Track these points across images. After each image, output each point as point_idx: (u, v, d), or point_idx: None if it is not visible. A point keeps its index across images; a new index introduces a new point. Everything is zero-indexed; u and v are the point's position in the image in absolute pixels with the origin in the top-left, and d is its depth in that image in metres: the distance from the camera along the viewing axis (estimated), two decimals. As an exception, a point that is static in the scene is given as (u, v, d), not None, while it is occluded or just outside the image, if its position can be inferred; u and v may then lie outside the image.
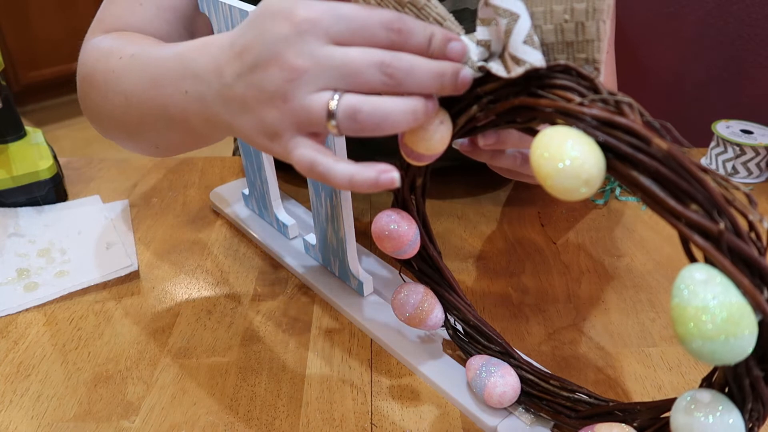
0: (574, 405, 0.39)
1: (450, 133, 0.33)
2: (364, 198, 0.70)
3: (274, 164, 0.59)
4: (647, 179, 0.25)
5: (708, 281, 0.23)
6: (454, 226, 0.64)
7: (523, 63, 0.28)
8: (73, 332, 0.51)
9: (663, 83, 1.00)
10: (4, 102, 0.67)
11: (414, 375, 0.47)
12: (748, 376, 0.26)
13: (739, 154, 0.70)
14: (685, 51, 0.96)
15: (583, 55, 0.29)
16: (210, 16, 0.53)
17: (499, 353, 0.43)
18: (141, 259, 0.60)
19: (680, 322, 0.23)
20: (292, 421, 0.43)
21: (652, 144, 0.25)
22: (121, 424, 0.43)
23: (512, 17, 0.28)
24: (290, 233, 0.60)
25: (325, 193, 0.50)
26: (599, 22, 0.28)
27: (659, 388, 0.45)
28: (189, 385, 0.46)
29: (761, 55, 0.87)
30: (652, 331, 0.50)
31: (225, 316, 0.53)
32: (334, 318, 0.52)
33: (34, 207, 0.66)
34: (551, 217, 0.66)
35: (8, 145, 0.69)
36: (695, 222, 0.24)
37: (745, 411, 0.27)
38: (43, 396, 0.45)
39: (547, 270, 0.58)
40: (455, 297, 0.45)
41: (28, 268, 0.58)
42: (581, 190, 0.25)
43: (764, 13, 0.85)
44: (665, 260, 0.59)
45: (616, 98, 0.26)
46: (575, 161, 0.25)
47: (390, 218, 0.41)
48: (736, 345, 0.23)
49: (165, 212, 0.68)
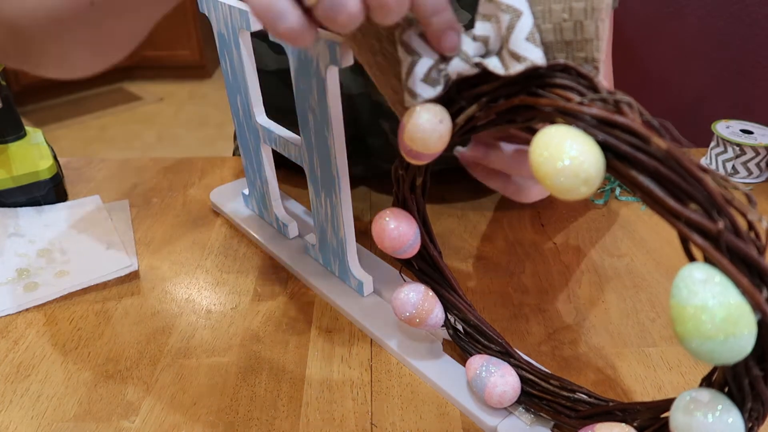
0: (574, 405, 0.39)
1: (449, 132, 0.33)
2: (364, 198, 0.70)
3: (274, 164, 0.59)
4: (646, 178, 0.25)
5: (707, 281, 0.23)
6: (454, 226, 0.64)
7: (524, 60, 0.28)
8: (73, 332, 0.51)
9: (663, 83, 1.00)
10: (4, 102, 0.67)
11: (414, 375, 0.47)
12: (748, 376, 0.26)
13: (739, 154, 0.70)
14: (685, 51, 0.96)
15: (582, 54, 0.29)
16: (210, 16, 0.53)
17: (499, 353, 0.43)
18: (141, 259, 0.60)
19: (679, 322, 0.23)
20: (292, 421, 0.43)
21: (651, 143, 0.25)
22: (121, 424, 0.43)
23: (515, 13, 0.28)
24: (290, 233, 0.60)
25: (325, 193, 0.50)
26: (598, 21, 0.28)
27: (659, 388, 0.45)
28: (189, 385, 0.46)
29: (761, 55, 0.87)
30: (652, 331, 0.50)
31: (225, 316, 0.53)
32: (334, 318, 0.52)
33: (34, 207, 0.67)
34: (551, 217, 0.66)
35: (8, 145, 0.69)
36: (694, 221, 0.24)
37: (745, 410, 0.27)
38: (43, 396, 0.45)
39: (547, 270, 0.58)
40: (455, 297, 0.45)
41: (28, 268, 0.58)
42: (581, 189, 0.25)
43: (764, 13, 0.85)
44: (665, 260, 0.59)
45: (616, 97, 0.26)
46: (574, 160, 0.25)
47: (390, 217, 0.41)
48: (735, 344, 0.23)
49: (165, 212, 0.68)
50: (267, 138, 0.55)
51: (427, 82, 0.33)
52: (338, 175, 0.48)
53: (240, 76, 0.54)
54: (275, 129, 0.54)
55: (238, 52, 0.52)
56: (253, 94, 0.54)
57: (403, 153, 0.35)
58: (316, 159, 0.49)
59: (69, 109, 2.52)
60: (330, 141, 0.46)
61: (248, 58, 0.52)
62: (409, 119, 0.33)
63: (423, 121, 0.32)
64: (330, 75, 0.43)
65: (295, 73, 0.46)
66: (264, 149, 0.58)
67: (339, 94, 0.44)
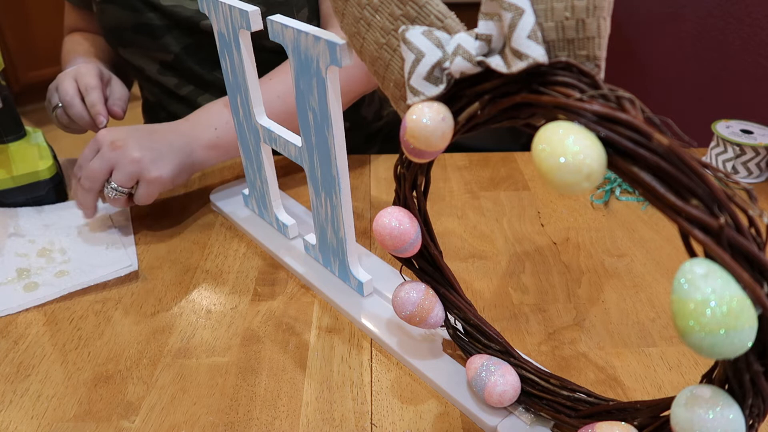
0: (574, 404, 0.39)
1: (452, 129, 0.33)
2: (364, 198, 0.70)
3: (273, 164, 0.59)
4: (648, 174, 0.25)
5: (708, 275, 0.23)
6: (454, 226, 0.64)
7: (526, 57, 0.28)
8: (73, 332, 0.51)
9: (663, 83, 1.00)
10: (4, 102, 0.67)
11: (414, 375, 0.47)
12: (748, 372, 0.26)
13: (739, 154, 0.70)
14: (685, 51, 0.96)
15: (584, 52, 0.29)
16: (210, 15, 0.53)
17: (500, 352, 0.43)
18: (141, 259, 0.60)
19: (680, 316, 0.23)
20: (292, 421, 0.43)
21: (653, 139, 0.25)
22: (121, 424, 0.43)
23: (517, 11, 0.28)
24: (290, 233, 0.60)
25: (325, 193, 0.50)
26: (600, 19, 0.28)
27: (659, 387, 0.45)
28: (189, 385, 0.46)
29: (761, 55, 0.87)
30: (652, 330, 0.50)
31: (225, 316, 0.53)
32: (334, 318, 0.52)
33: (34, 207, 0.66)
34: (551, 217, 0.66)
35: (8, 145, 0.69)
36: (696, 217, 0.24)
37: (746, 407, 0.27)
38: (43, 396, 0.45)
39: (547, 270, 0.58)
40: (455, 296, 0.45)
41: (28, 268, 0.58)
42: (582, 185, 0.25)
43: (764, 13, 0.85)
44: (665, 260, 0.59)
45: (617, 94, 0.26)
46: (576, 156, 0.25)
47: (392, 216, 0.41)
48: (736, 339, 0.23)
49: (165, 212, 0.68)
50: (267, 138, 0.55)
51: (430, 81, 0.33)
52: (338, 175, 0.48)
53: (240, 76, 0.54)
54: (275, 129, 0.54)
55: (238, 52, 0.52)
56: (254, 94, 0.54)
57: (405, 151, 0.35)
58: (316, 159, 0.49)
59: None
60: (330, 141, 0.46)
61: (248, 58, 0.52)
62: (411, 117, 0.33)
63: (425, 119, 0.32)
64: (330, 75, 0.43)
65: (295, 73, 0.46)
66: (264, 149, 0.58)
67: (339, 94, 0.44)
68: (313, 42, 0.42)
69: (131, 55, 0.80)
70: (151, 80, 0.82)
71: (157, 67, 0.79)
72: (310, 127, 0.48)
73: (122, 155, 0.57)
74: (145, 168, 0.58)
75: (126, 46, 0.79)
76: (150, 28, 0.75)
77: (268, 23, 0.46)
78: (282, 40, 0.46)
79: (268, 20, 0.46)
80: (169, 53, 0.77)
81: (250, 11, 0.48)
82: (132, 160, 0.57)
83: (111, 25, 0.77)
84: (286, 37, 0.45)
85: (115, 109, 0.68)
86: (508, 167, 0.76)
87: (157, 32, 0.75)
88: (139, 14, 0.74)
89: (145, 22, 0.74)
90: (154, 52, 0.77)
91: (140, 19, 0.74)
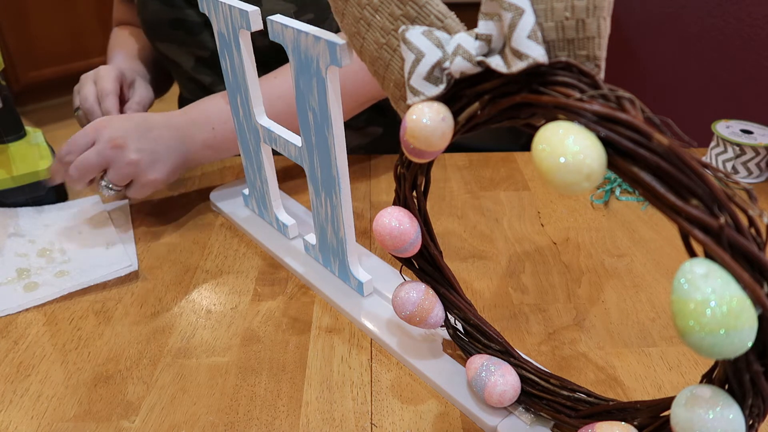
0: (575, 404, 0.39)
1: (452, 129, 0.33)
2: (364, 198, 0.70)
3: (273, 164, 0.59)
4: (648, 174, 0.25)
5: (708, 275, 0.23)
6: (454, 226, 0.64)
7: (526, 57, 0.28)
8: (73, 332, 0.51)
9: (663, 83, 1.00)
10: (4, 102, 0.67)
11: (414, 375, 0.47)
12: (748, 372, 0.26)
13: (739, 154, 0.70)
14: (685, 51, 0.96)
15: (584, 52, 0.29)
16: (210, 15, 0.53)
17: (500, 352, 0.43)
18: (141, 259, 0.60)
19: (680, 316, 0.23)
20: (292, 421, 0.43)
21: (653, 139, 0.25)
22: (121, 424, 0.43)
23: (517, 11, 0.28)
24: (290, 233, 0.60)
25: (325, 193, 0.50)
26: (600, 19, 0.28)
27: (659, 387, 0.45)
28: (189, 385, 0.46)
29: (761, 55, 0.87)
30: (652, 330, 0.50)
31: (225, 316, 0.53)
32: (334, 318, 0.52)
33: (34, 207, 0.66)
34: (551, 217, 0.66)
35: (8, 145, 0.69)
36: (696, 217, 0.24)
37: (746, 407, 0.27)
38: (43, 396, 0.45)
39: (547, 270, 0.58)
40: (455, 296, 0.45)
41: (28, 268, 0.58)
42: (582, 184, 0.25)
43: (764, 13, 0.85)
44: (665, 260, 0.59)
45: (617, 94, 0.26)
46: (576, 156, 0.25)
47: (392, 216, 0.41)
48: (736, 339, 0.23)
49: (165, 212, 0.68)
50: (267, 138, 0.55)
51: (430, 81, 0.33)
52: (338, 175, 0.48)
53: (240, 76, 0.54)
54: (275, 129, 0.54)
55: (238, 52, 0.52)
56: (254, 94, 0.54)
57: (405, 151, 0.35)
58: (316, 159, 0.49)
59: (69, 109, 2.52)
60: (330, 141, 0.46)
61: (248, 58, 0.52)
62: (411, 117, 0.33)
63: (425, 119, 0.32)
64: (330, 75, 0.43)
65: (295, 73, 0.46)
66: (264, 149, 0.58)
67: (339, 94, 0.44)
68: (313, 42, 0.42)
69: (168, 49, 0.79)
70: (186, 76, 0.81)
71: (193, 64, 0.79)
72: (310, 127, 0.48)
73: (120, 156, 0.57)
74: (142, 171, 0.59)
75: (163, 41, 0.78)
76: (187, 24, 0.74)
77: (268, 23, 0.46)
78: (282, 40, 0.46)
79: (268, 20, 0.46)
80: (205, 50, 0.76)
81: (250, 11, 0.48)
82: (129, 162, 0.58)
83: (149, 19, 0.77)
84: (286, 37, 0.45)
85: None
86: (508, 167, 0.76)
87: (194, 29, 0.75)
88: (178, 9, 0.74)
89: (182, 17, 0.74)
90: (191, 48, 0.77)
91: (178, 14, 0.74)
